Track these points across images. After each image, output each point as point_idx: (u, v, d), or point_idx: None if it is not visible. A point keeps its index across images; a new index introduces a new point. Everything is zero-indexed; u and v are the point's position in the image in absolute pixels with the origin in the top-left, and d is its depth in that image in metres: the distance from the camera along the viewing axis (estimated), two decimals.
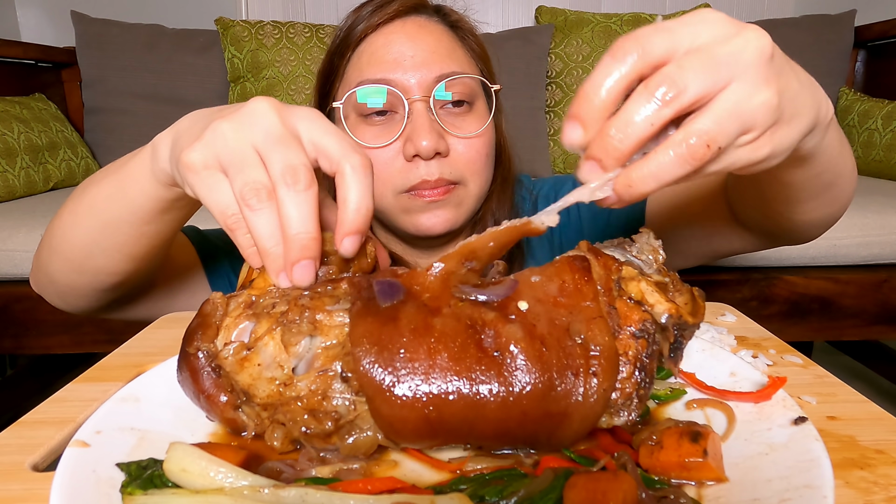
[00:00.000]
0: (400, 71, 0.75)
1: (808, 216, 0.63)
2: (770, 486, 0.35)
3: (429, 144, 0.72)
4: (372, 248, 0.49)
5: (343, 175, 0.43)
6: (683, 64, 0.35)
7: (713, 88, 0.35)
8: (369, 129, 0.77)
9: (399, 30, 0.78)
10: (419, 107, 0.75)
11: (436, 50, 0.77)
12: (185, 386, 0.42)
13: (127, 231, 0.60)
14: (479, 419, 0.36)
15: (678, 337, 0.40)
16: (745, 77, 0.36)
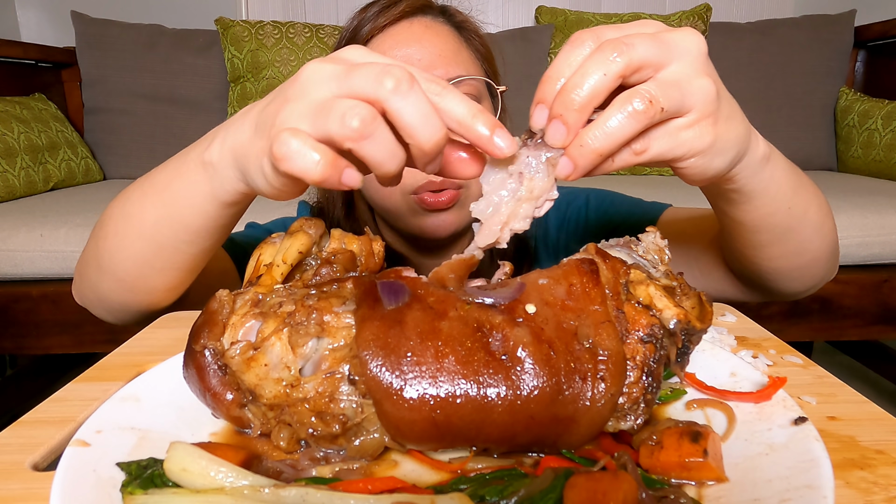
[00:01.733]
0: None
1: (775, 263, 0.65)
2: (770, 486, 0.35)
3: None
4: (380, 247, 0.49)
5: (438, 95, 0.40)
6: (633, 38, 0.39)
7: (657, 60, 0.39)
8: None
9: (406, 31, 0.78)
10: None
11: (442, 52, 0.77)
12: (191, 383, 0.42)
13: (185, 250, 0.59)
14: (486, 423, 0.36)
15: (685, 342, 0.40)
16: (685, 61, 0.40)
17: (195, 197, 0.54)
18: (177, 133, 2.18)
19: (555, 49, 2.21)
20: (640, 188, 1.83)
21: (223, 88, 2.21)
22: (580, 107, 0.38)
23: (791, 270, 0.66)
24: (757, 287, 0.73)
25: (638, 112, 0.38)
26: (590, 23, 2.20)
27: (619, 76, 0.38)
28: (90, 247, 0.65)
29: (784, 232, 0.61)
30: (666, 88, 0.39)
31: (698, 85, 0.41)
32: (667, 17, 2.20)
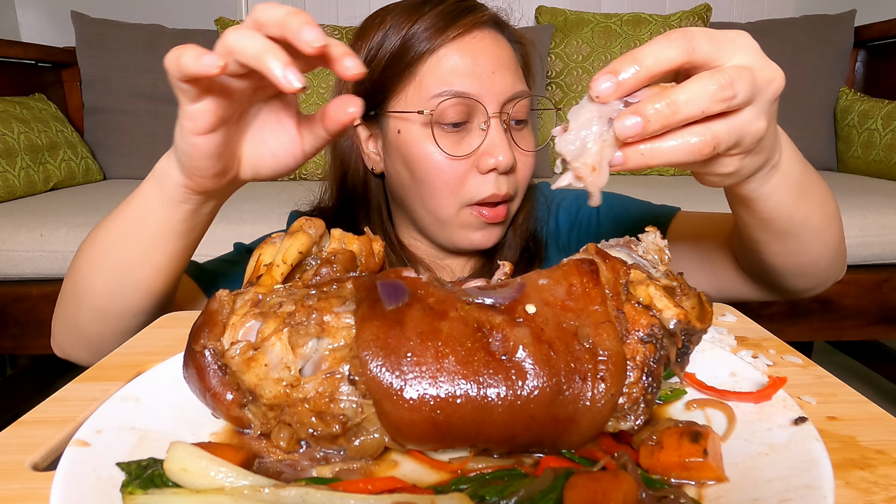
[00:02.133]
0: (481, 85, 0.76)
1: (776, 260, 0.66)
2: (770, 486, 0.35)
3: (506, 160, 0.75)
4: (380, 247, 0.49)
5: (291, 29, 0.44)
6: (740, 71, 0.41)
7: (746, 102, 0.42)
8: (445, 136, 0.77)
9: (478, 42, 0.78)
10: (497, 122, 0.76)
11: (509, 67, 0.79)
12: (191, 383, 0.42)
13: (147, 263, 0.63)
14: (486, 423, 0.36)
15: (685, 342, 0.40)
16: (759, 104, 0.43)
17: (149, 204, 0.60)
18: None
19: (555, 49, 2.21)
20: (640, 189, 1.83)
21: None
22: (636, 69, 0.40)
23: (792, 268, 0.67)
24: (765, 284, 0.73)
25: (701, 153, 0.41)
26: (590, 23, 2.20)
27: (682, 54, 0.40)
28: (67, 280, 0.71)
29: (783, 234, 0.62)
30: (731, 135, 0.42)
31: (756, 128, 0.43)
32: (667, 17, 2.20)
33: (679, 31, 0.41)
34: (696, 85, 0.40)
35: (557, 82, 2.21)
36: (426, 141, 0.77)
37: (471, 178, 0.77)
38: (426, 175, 0.78)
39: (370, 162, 0.86)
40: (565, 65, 2.20)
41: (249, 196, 1.75)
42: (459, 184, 0.77)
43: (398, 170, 0.82)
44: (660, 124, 0.40)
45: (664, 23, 2.18)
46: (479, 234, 0.81)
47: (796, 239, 0.62)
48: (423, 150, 0.77)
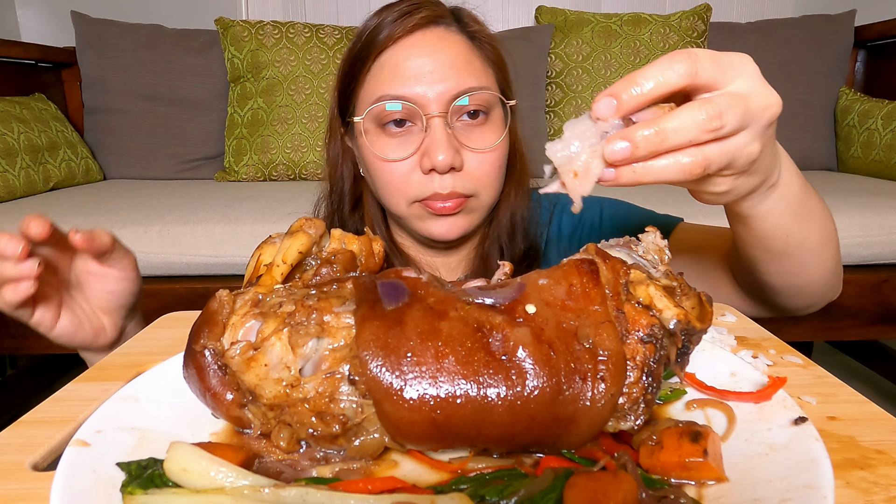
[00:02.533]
0: (419, 86, 0.76)
1: (772, 279, 0.67)
2: (770, 486, 0.35)
3: (445, 160, 0.75)
4: (380, 247, 0.49)
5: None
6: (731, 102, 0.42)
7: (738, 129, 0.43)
8: (389, 140, 0.79)
9: (419, 43, 0.78)
10: (437, 122, 0.76)
11: (454, 65, 0.78)
12: (191, 383, 0.42)
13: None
14: (486, 423, 0.36)
15: (685, 342, 0.40)
16: (753, 129, 0.44)
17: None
18: (177, 133, 2.18)
19: (555, 49, 2.21)
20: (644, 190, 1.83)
21: (223, 88, 2.21)
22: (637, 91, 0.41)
23: (788, 287, 0.68)
24: (761, 301, 0.74)
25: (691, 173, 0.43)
26: (590, 23, 2.20)
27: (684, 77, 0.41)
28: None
29: (779, 253, 0.62)
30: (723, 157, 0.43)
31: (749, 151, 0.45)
32: (667, 17, 2.20)
33: (684, 53, 0.41)
34: (686, 114, 0.41)
35: (557, 82, 2.21)
36: (373, 143, 0.79)
37: (415, 178, 0.78)
38: (374, 176, 0.81)
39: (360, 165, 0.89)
40: (565, 65, 2.20)
41: (249, 196, 1.76)
42: (404, 183, 0.79)
43: (363, 171, 0.86)
44: (647, 151, 0.41)
45: (664, 23, 2.18)
46: (436, 225, 0.81)
47: (793, 259, 0.63)
48: (368, 153, 0.80)
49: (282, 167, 2.09)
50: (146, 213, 1.56)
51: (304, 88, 2.10)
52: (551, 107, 2.22)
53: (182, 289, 1.50)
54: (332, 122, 0.90)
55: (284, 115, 2.09)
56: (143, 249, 1.48)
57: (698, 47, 2.11)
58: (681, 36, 2.17)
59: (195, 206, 1.63)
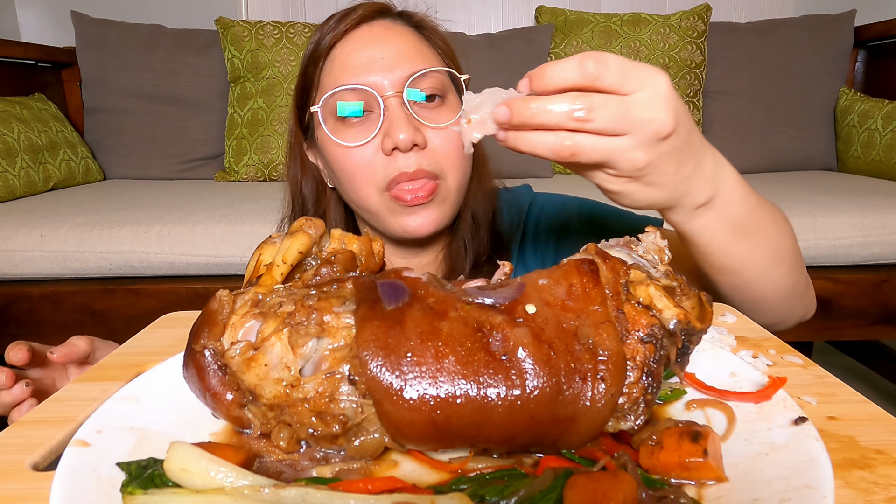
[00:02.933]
0: (372, 73, 0.77)
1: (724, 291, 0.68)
2: (770, 486, 0.35)
3: (406, 137, 0.74)
4: (380, 247, 0.49)
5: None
6: (608, 103, 0.47)
7: (612, 130, 0.48)
8: (348, 130, 0.78)
9: (366, 34, 0.80)
10: (393, 102, 0.76)
11: (404, 50, 0.79)
12: (191, 383, 0.42)
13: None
14: (486, 423, 0.36)
15: (685, 342, 0.40)
16: (635, 137, 0.48)
17: None
18: (177, 133, 2.18)
19: (555, 49, 2.21)
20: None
21: (223, 88, 2.21)
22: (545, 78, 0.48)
23: (741, 302, 0.68)
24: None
25: (558, 154, 0.49)
26: (590, 23, 2.20)
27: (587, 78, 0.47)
28: None
29: (722, 269, 0.64)
30: (594, 152, 0.49)
31: (629, 157, 0.50)
32: (667, 17, 2.20)
33: (595, 56, 0.46)
34: (559, 99, 0.47)
35: None
36: (334, 134, 0.79)
37: (378, 160, 0.77)
38: (339, 170, 0.80)
39: (326, 178, 0.89)
40: None
41: (249, 196, 1.76)
42: (369, 170, 0.78)
43: (329, 174, 0.85)
44: (519, 120, 0.48)
45: (664, 23, 2.18)
46: (410, 219, 0.79)
47: (738, 275, 0.64)
48: (329, 147, 0.80)
49: (282, 167, 2.09)
50: (146, 213, 1.56)
51: None
52: None
53: (182, 289, 1.50)
54: (292, 141, 0.90)
55: (284, 115, 2.09)
56: (143, 249, 1.48)
57: (698, 47, 2.10)
58: (681, 36, 2.17)
59: (195, 206, 1.63)
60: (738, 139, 2.18)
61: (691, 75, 2.16)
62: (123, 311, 1.50)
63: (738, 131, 2.18)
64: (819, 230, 1.49)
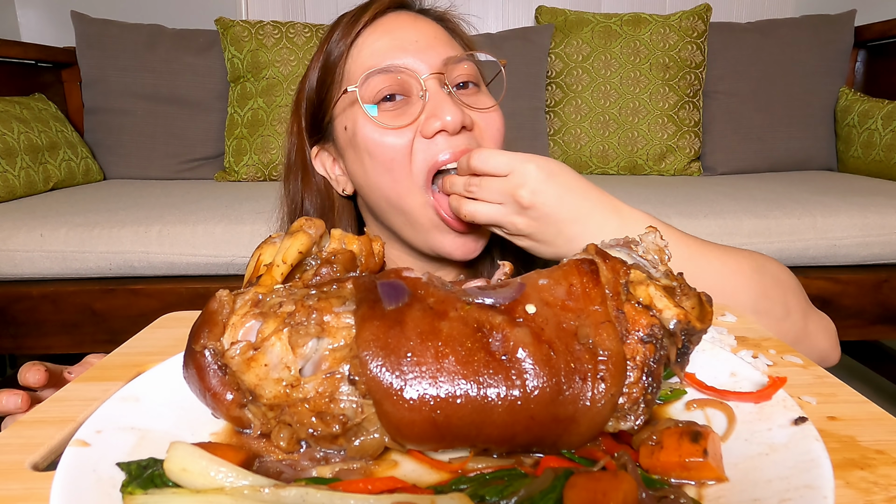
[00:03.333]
0: (407, 55, 0.73)
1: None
2: (770, 486, 0.35)
3: (455, 118, 0.70)
4: (380, 247, 0.49)
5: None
6: (489, 181, 0.68)
7: (492, 200, 0.69)
8: (384, 114, 0.73)
9: (392, 21, 0.77)
10: (434, 84, 0.72)
11: (436, 36, 0.76)
12: (191, 383, 0.42)
13: None
14: (486, 423, 0.36)
15: (685, 342, 0.40)
16: (509, 207, 0.68)
17: None
18: (177, 133, 2.18)
19: (555, 49, 2.21)
20: (640, 188, 1.83)
21: (223, 88, 2.21)
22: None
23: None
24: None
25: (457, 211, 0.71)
26: (590, 23, 2.20)
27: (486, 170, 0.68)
28: None
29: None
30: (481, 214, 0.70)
31: (509, 220, 0.69)
32: (667, 17, 2.20)
33: (482, 153, 0.68)
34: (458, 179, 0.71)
35: (557, 82, 2.21)
36: (366, 123, 0.73)
37: (419, 147, 0.73)
38: (376, 157, 0.73)
39: (339, 185, 0.84)
40: (565, 65, 2.20)
41: (249, 196, 1.76)
42: (408, 157, 0.73)
43: (356, 171, 0.78)
44: (445, 189, 0.74)
45: (664, 23, 2.18)
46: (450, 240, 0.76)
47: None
48: (365, 132, 0.74)
49: (282, 167, 2.09)
50: (146, 213, 1.56)
51: None
52: (551, 107, 2.22)
53: (182, 289, 1.50)
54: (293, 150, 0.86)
55: (284, 115, 2.09)
56: (143, 249, 1.48)
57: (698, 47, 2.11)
58: (681, 36, 2.17)
59: (195, 206, 1.63)
60: (738, 139, 2.18)
61: (691, 75, 2.16)
62: (123, 311, 1.50)
63: (738, 131, 2.18)
64: (819, 230, 1.49)
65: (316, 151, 0.85)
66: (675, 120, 2.15)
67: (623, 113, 2.16)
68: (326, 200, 0.86)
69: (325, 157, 0.85)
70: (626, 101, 2.16)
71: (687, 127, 2.15)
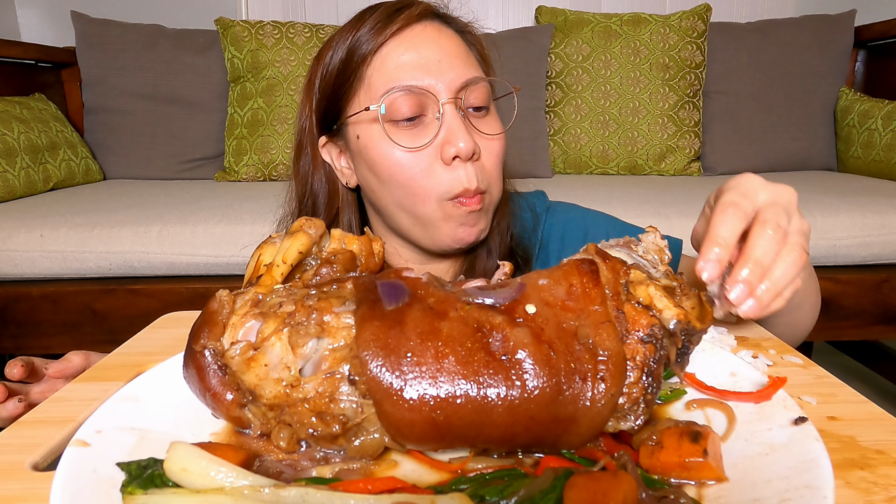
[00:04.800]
0: (429, 76, 0.75)
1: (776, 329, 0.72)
2: (770, 486, 0.35)
3: (467, 145, 0.73)
4: (380, 247, 0.49)
5: None
6: (777, 213, 0.50)
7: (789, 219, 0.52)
8: (401, 132, 0.76)
9: (420, 34, 0.77)
10: (451, 109, 0.75)
11: (457, 55, 0.78)
12: (191, 383, 0.42)
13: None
14: (486, 423, 0.36)
15: (685, 342, 0.40)
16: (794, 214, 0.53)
17: None
18: (177, 133, 2.18)
19: (555, 49, 2.21)
20: (641, 189, 1.83)
21: (223, 88, 2.21)
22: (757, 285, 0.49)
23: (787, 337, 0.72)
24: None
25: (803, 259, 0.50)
26: (590, 23, 2.20)
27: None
28: None
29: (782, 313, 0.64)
30: (779, 211, 0.51)
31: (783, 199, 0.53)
32: (667, 17, 2.20)
33: (736, 198, 0.51)
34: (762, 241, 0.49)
35: (557, 82, 2.21)
36: (383, 140, 0.76)
37: (438, 172, 0.75)
38: (391, 174, 0.77)
39: (343, 177, 0.85)
40: (565, 65, 2.20)
41: (249, 196, 1.76)
42: (426, 178, 0.76)
43: (366, 176, 0.81)
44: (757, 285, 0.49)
45: (664, 23, 2.18)
46: (461, 229, 0.78)
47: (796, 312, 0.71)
48: (381, 149, 0.76)
49: (282, 167, 2.09)
50: (146, 213, 1.56)
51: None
52: (551, 107, 2.22)
53: (182, 289, 1.50)
54: (303, 136, 0.87)
55: (284, 115, 2.09)
56: (143, 249, 1.48)
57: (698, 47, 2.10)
58: (681, 36, 2.17)
59: (195, 206, 1.63)
60: (738, 139, 2.18)
61: (691, 75, 2.16)
62: (123, 311, 1.50)
63: (738, 131, 2.18)
64: (819, 230, 1.49)
65: (324, 141, 0.86)
66: (674, 120, 2.15)
67: (623, 113, 2.16)
68: (331, 185, 0.88)
69: (332, 147, 0.86)
70: (626, 101, 2.16)
71: (687, 127, 2.15)
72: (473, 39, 0.84)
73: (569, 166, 2.22)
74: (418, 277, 0.42)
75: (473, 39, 0.84)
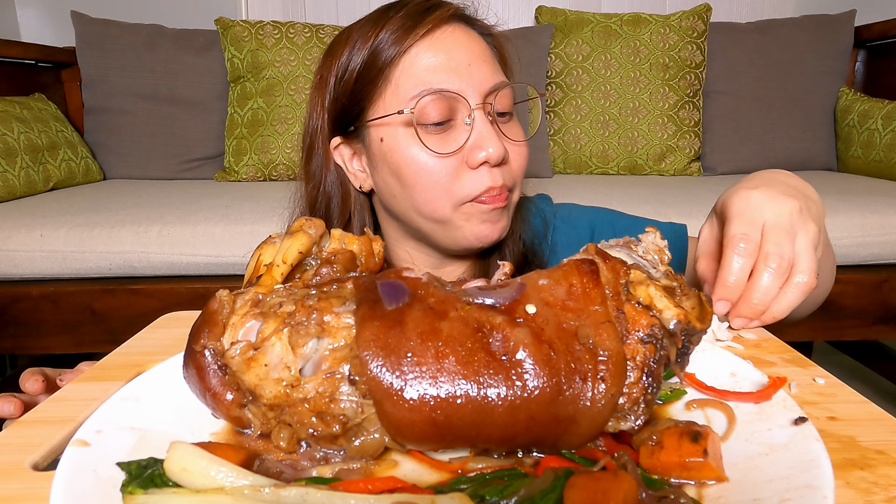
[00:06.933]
0: (460, 79, 0.74)
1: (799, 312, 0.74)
2: (770, 486, 0.35)
3: (496, 151, 0.73)
4: (380, 247, 0.49)
5: None
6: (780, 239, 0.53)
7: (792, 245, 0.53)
8: (429, 136, 0.75)
9: (449, 37, 0.77)
10: (481, 115, 0.75)
11: (484, 59, 0.77)
12: (191, 383, 0.42)
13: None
14: (486, 423, 0.36)
15: (686, 342, 0.40)
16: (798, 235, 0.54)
17: None
18: (177, 133, 2.18)
19: (555, 49, 2.21)
20: (642, 189, 1.83)
21: (223, 88, 2.21)
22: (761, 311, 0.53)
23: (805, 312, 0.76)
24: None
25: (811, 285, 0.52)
26: (590, 23, 2.20)
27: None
28: None
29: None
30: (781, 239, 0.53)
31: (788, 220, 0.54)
32: (667, 17, 2.20)
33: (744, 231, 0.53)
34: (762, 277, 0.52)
35: (557, 82, 2.21)
36: (411, 144, 0.74)
37: (463, 176, 0.75)
38: (416, 179, 0.75)
39: (357, 180, 0.84)
40: (565, 65, 2.20)
41: (249, 196, 1.76)
42: (451, 182, 0.75)
43: (387, 181, 0.79)
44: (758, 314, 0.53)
45: (664, 23, 2.18)
46: (484, 226, 0.77)
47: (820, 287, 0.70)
48: (408, 153, 0.75)
49: (282, 167, 2.09)
50: (146, 213, 1.56)
51: (304, 88, 2.09)
52: (551, 107, 2.22)
53: (182, 289, 1.50)
54: (313, 138, 0.84)
55: (284, 115, 2.09)
56: (143, 249, 1.48)
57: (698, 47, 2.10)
58: (681, 36, 2.17)
59: (195, 206, 1.63)
60: (738, 139, 2.18)
61: (691, 75, 2.16)
62: (123, 311, 1.50)
63: (738, 131, 2.18)
64: None
65: (337, 143, 0.83)
66: (675, 120, 2.15)
67: (623, 113, 2.16)
68: (343, 188, 0.86)
69: (346, 149, 0.84)
70: (626, 101, 2.16)
71: (687, 127, 2.15)
72: (496, 43, 0.83)
73: (569, 166, 2.22)
74: (418, 277, 0.42)
75: (496, 43, 0.83)
